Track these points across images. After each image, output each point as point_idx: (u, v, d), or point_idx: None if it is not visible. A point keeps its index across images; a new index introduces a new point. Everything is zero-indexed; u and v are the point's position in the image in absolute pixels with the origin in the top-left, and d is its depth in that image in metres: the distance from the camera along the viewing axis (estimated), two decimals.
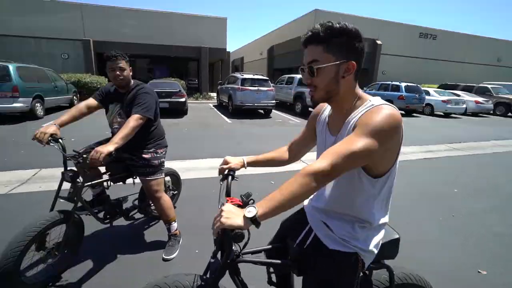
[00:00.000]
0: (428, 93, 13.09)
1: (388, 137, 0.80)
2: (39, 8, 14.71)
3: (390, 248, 1.06)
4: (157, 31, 16.95)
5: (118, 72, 1.92)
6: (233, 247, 0.93)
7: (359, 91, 0.94)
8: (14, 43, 14.74)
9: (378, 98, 0.92)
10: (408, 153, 5.67)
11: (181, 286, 0.95)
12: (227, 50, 20.23)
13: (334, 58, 0.86)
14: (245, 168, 1.24)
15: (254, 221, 0.72)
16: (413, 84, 12.62)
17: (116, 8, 16.42)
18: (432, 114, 13.06)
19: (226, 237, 0.89)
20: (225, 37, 18.93)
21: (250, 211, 0.72)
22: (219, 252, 0.97)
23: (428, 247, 2.43)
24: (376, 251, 0.97)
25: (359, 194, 0.92)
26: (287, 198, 0.73)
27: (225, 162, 1.21)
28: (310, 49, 0.89)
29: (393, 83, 12.95)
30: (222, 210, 0.77)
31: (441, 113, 13.08)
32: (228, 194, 1.08)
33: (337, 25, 0.84)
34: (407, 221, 2.84)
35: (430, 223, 2.84)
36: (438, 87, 16.03)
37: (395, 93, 12.35)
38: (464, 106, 12.81)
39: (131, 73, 2.04)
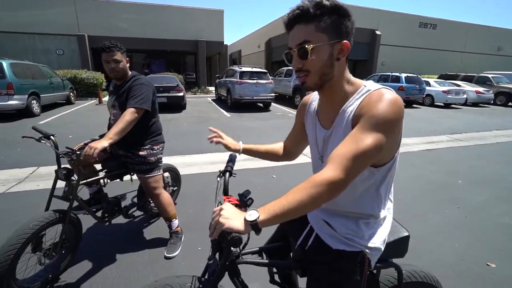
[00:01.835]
0: (428, 84, 12.96)
1: (395, 127, 0.74)
2: (31, 3, 14.42)
3: (399, 246, 1.01)
4: (153, 25, 16.68)
5: (113, 65, 1.85)
6: (232, 248, 0.87)
7: (350, 75, 0.86)
8: (7, 39, 14.51)
9: (371, 81, 0.84)
10: (409, 144, 5.61)
11: None
12: (225, 43, 19.95)
13: (327, 37, 0.76)
14: (239, 154, 1.21)
15: (255, 225, 0.66)
16: (413, 75, 12.49)
17: (110, 2, 16.11)
18: (432, 105, 12.96)
19: (223, 239, 0.83)
20: (222, 30, 18.65)
21: (251, 214, 0.66)
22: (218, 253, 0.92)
23: (434, 240, 2.38)
24: (382, 247, 0.91)
25: (360, 186, 0.85)
26: (293, 207, 0.66)
27: (220, 136, 1.19)
28: (298, 29, 0.78)
29: (393, 74, 12.83)
30: (221, 209, 0.70)
31: (442, 104, 12.98)
32: (225, 191, 1.02)
33: (327, 1, 0.74)
34: (412, 214, 2.79)
35: (436, 216, 2.79)
36: (438, 78, 15.88)
37: (395, 84, 12.22)
38: (465, 96, 12.71)
39: (128, 65, 1.96)
